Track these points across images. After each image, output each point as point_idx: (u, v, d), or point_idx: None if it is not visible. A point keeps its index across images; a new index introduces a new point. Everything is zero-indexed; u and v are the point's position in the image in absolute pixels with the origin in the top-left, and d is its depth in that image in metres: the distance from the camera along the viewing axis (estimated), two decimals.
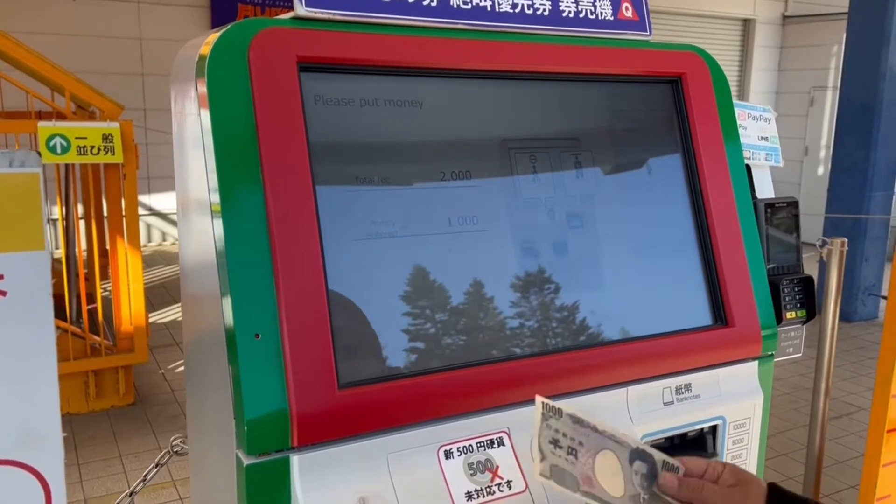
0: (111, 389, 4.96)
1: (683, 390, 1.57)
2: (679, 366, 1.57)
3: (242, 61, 1.25)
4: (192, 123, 1.34)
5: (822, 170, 11.40)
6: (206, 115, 1.26)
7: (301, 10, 1.32)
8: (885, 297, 7.23)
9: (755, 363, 1.68)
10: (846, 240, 3.38)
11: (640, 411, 1.51)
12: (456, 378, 1.33)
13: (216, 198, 1.24)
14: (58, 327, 4.38)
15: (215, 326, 1.29)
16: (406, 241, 1.38)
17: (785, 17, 12.56)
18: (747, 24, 12.48)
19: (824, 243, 3.36)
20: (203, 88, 1.26)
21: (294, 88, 1.28)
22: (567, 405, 1.16)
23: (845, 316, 7.04)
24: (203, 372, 1.50)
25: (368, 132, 1.39)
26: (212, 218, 1.27)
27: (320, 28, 1.33)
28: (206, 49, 1.27)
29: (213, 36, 1.27)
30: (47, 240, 0.94)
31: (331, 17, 1.34)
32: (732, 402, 1.63)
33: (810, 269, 2.01)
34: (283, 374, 1.20)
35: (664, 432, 1.54)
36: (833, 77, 11.55)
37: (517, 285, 1.46)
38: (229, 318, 1.21)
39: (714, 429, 1.62)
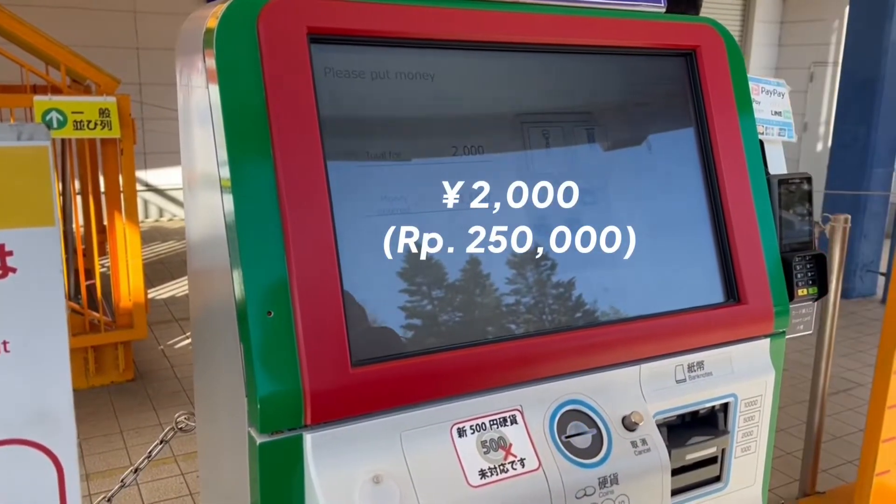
0: (111, 365, 4.95)
1: (696, 368, 1.57)
2: (692, 343, 1.56)
3: (251, 33, 1.22)
4: (200, 97, 1.31)
5: (822, 146, 11.36)
6: (214, 88, 1.23)
7: None
8: (883, 274, 7.26)
9: (767, 340, 1.67)
10: (849, 216, 3.37)
11: (652, 389, 1.51)
12: (469, 356, 1.32)
13: (225, 172, 1.21)
14: None
15: (225, 303, 1.28)
16: (417, 218, 1.35)
17: None
18: None
19: (827, 220, 3.35)
20: (211, 61, 1.23)
21: (304, 60, 1.25)
22: None
23: (843, 292, 7.04)
24: (212, 348, 1.48)
25: (379, 105, 1.36)
26: (221, 193, 1.24)
27: None
28: (213, 21, 1.23)
29: (221, 7, 1.24)
30: (57, 215, 0.92)
31: None
32: (744, 380, 1.62)
33: None
34: (295, 352, 1.19)
35: (676, 410, 1.54)
36: (833, 52, 11.47)
37: (530, 262, 1.44)
38: (241, 295, 1.19)
39: (726, 406, 1.61)
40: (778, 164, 1.85)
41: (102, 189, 5.11)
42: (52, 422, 0.97)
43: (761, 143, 1.73)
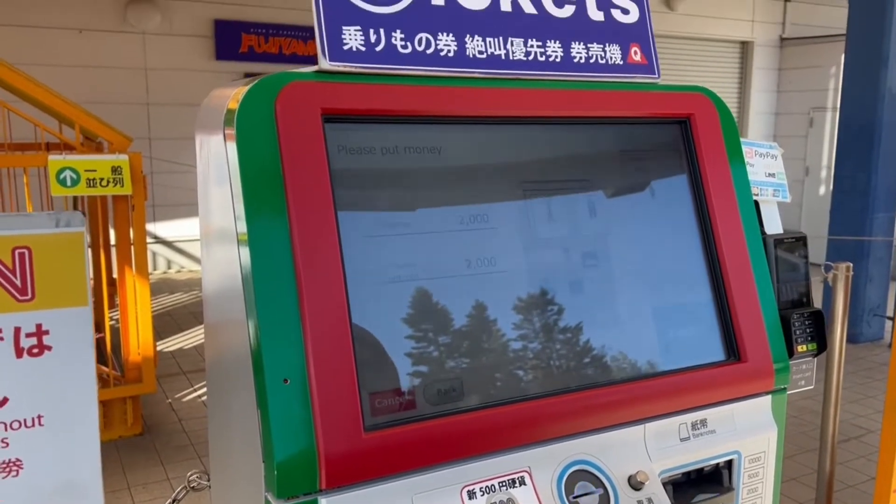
0: (119, 420, 4.96)
1: (699, 426, 1.60)
2: (695, 401, 1.60)
3: (269, 114, 1.30)
4: (220, 173, 1.38)
5: (824, 189, 11.45)
6: (235, 165, 1.30)
7: (325, 63, 1.37)
8: (890, 318, 7.24)
9: (768, 397, 1.71)
10: (851, 264, 3.41)
11: (657, 448, 1.54)
12: (478, 419, 1.36)
13: (245, 252, 1.28)
14: None
15: (242, 363, 1.33)
16: (427, 285, 1.41)
17: (782, 39, 12.70)
18: (745, 47, 12.62)
19: (829, 268, 3.39)
20: (232, 140, 1.30)
21: (319, 139, 1.32)
22: None
23: (851, 337, 7.04)
24: (228, 408, 1.52)
25: (390, 178, 1.43)
26: (241, 272, 1.30)
27: (343, 81, 1.38)
28: (234, 103, 1.31)
29: (242, 89, 1.32)
30: (90, 296, 0.98)
31: (353, 69, 1.39)
32: (747, 437, 1.65)
33: (815, 291, 2.03)
34: (310, 419, 1.23)
35: (681, 468, 1.57)
36: (832, 98, 11.65)
37: (535, 325, 1.49)
38: (258, 364, 1.24)
39: (730, 463, 1.64)
40: (773, 224, 1.91)
41: (112, 242, 5.18)
42: (81, 491, 1.01)
43: (757, 203, 1.79)
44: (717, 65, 12.41)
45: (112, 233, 5.23)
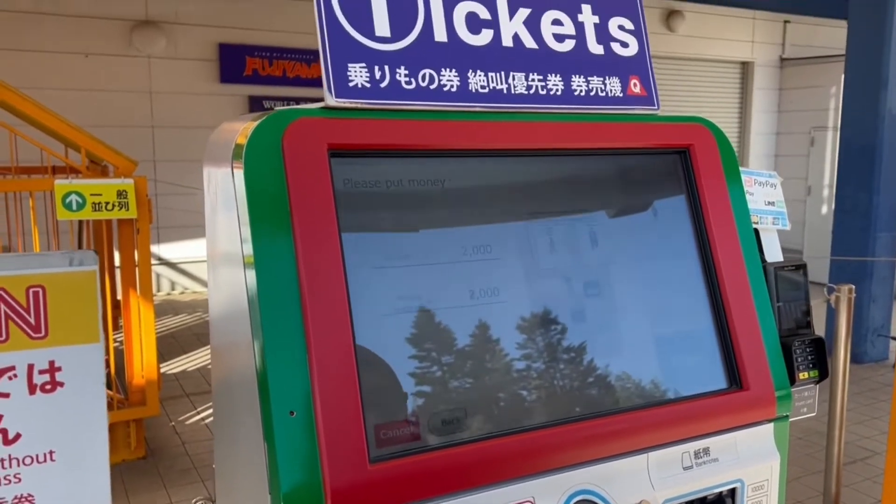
0: (122, 443, 4.96)
1: (702, 454, 1.61)
2: (698, 430, 1.61)
3: (277, 149, 1.32)
4: (228, 207, 1.40)
5: (826, 209, 11.47)
6: (243, 200, 1.32)
7: (331, 100, 1.40)
8: (895, 339, 7.20)
9: (771, 425, 1.72)
10: (853, 286, 3.42)
11: (660, 476, 1.55)
12: (482, 450, 1.37)
13: (253, 283, 1.30)
14: None
15: (248, 389, 1.34)
16: (431, 315, 1.43)
17: (782, 59, 12.79)
18: (746, 67, 12.71)
19: (832, 290, 3.40)
20: (240, 175, 1.33)
21: (325, 173, 1.35)
22: None
23: (855, 358, 7.03)
24: (234, 434, 1.54)
25: (394, 210, 1.46)
26: (249, 307, 1.32)
27: (349, 116, 1.40)
28: (242, 138, 1.34)
29: (250, 125, 1.35)
30: (102, 333, 1.00)
31: (358, 105, 1.42)
32: (750, 465, 1.66)
33: (818, 312, 2.04)
34: (316, 451, 1.24)
35: (684, 496, 1.57)
36: (833, 117, 11.70)
37: (538, 355, 1.51)
38: (265, 396, 1.25)
39: (733, 492, 1.65)
40: (774, 252, 1.92)
41: (117, 264, 5.20)
42: None
43: (756, 232, 1.81)
44: (718, 85, 12.50)
45: (117, 255, 5.26)
